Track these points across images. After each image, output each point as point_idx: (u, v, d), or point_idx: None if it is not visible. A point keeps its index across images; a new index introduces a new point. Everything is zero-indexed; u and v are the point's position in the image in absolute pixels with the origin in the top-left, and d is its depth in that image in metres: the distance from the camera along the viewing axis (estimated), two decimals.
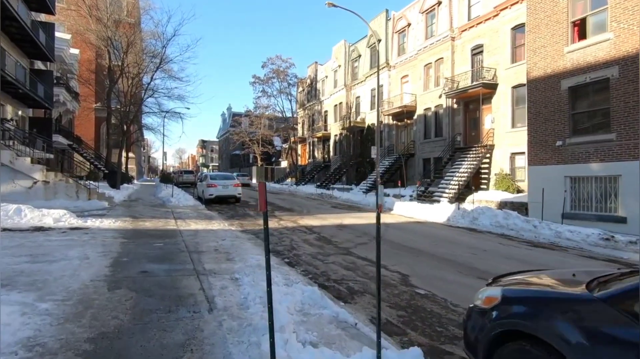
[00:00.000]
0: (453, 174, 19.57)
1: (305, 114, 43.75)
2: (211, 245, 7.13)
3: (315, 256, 6.92)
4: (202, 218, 11.08)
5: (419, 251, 7.58)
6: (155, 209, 12.69)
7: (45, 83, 19.83)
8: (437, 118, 23.87)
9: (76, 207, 11.73)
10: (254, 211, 14.46)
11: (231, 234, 8.50)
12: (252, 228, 10.08)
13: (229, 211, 14.24)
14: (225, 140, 77.60)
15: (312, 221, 11.72)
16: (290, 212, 14.23)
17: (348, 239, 8.74)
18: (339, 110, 36.16)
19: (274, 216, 12.87)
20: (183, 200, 14.90)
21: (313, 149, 42.37)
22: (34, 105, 20.26)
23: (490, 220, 11.64)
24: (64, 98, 26.92)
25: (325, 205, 17.72)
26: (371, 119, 30.34)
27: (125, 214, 10.78)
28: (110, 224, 8.61)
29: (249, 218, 12.16)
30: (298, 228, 10.19)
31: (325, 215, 13.58)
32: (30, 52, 19.07)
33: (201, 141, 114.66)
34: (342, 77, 35.21)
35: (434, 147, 23.82)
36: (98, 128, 40.26)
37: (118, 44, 23.78)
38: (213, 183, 16.41)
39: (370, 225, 11.16)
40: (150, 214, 11.29)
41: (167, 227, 9.00)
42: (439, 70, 23.78)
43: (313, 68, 42.15)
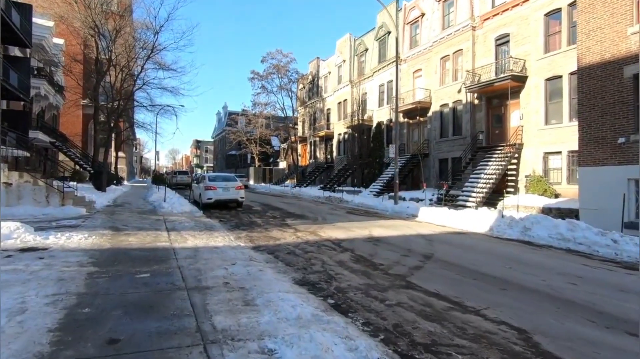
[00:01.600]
0: (478, 176, 17.66)
1: (306, 112, 41.74)
2: (218, 274, 5.06)
3: (367, 291, 4.89)
4: (201, 229, 8.98)
5: (499, 281, 5.59)
6: (144, 217, 10.54)
7: (21, 72, 17.52)
8: (455, 115, 21.99)
9: (45, 215, 9.56)
10: (260, 218, 12.37)
11: (242, 254, 6.43)
12: (266, 243, 8.00)
13: (231, 218, 12.13)
14: (220, 140, 75.24)
15: (334, 232, 9.68)
16: (304, 220, 12.17)
17: (394, 260, 6.71)
18: (343, 108, 34.20)
19: (286, 225, 10.80)
20: (177, 205, 12.76)
21: (314, 149, 40.34)
22: (8, 96, 17.93)
23: (549, 232, 9.69)
24: (45, 91, 24.55)
25: (339, 211, 15.68)
26: (379, 117, 28.43)
27: (106, 225, 8.63)
28: (81, 241, 6.47)
29: (258, 228, 10.08)
30: (323, 243, 8.14)
31: (346, 223, 11.54)
32: (2, 35, 16.75)
33: (195, 141, 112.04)
34: (347, 73, 33.25)
35: (452, 147, 21.93)
36: (86, 126, 37.72)
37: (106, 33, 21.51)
38: (212, 185, 14.29)
39: (407, 238, 9.16)
40: (137, 224, 9.15)
41: (158, 244, 6.88)
42: (457, 63, 21.93)
43: (315, 64, 40.16)
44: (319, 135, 37.60)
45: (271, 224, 10.98)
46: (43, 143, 25.50)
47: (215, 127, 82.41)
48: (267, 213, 13.83)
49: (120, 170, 37.74)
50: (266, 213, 13.83)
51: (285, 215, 13.52)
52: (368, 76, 29.85)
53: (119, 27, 19.25)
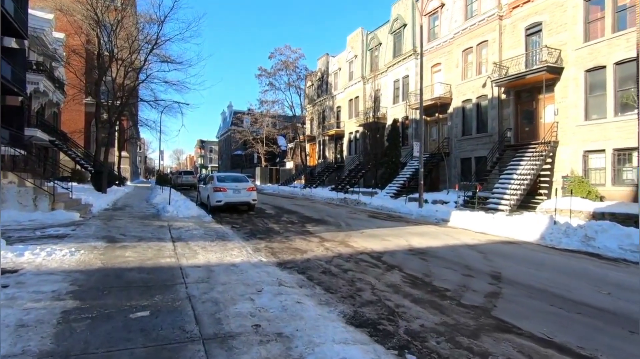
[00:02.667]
0: (509, 177, 16.19)
1: (315, 110, 40.38)
2: (243, 310, 3.70)
3: (452, 337, 3.50)
4: (213, 239, 7.63)
5: (612, 315, 4.19)
6: (145, 223, 9.21)
7: (16, 65, 16.31)
8: (479, 111, 20.52)
9: (31, 222, 8.25)
10: (277, 223, 10.99)
11: (266, 274, 5.06)
12: (292, 257, 6.63)
13: (245, 224, 10.77)
14: (225, 140, 74.09)
15: (367, 242, 8.30)
16: (326, 226, 10.79)
17: (458, 282, 5.32)
18: (355, 105, 32.80)
19: (308, 232, 9.42)
20: (183, 209, 11.43)
21: (323, 148, 38.96)
22: (2, 90, 16.71)
23: (620, 242, 8.24)
24: (45, 87, 23.39)
25: (359, 214, 14.29)
26: (394, 114, 27.00)
27: (99, 234, 7.29)
28: (65, 259, 5.12)
29: (277, 237, 8.71)
30: (359, 257, 6.75)
31: (374, 230, 10.15)
32: None
33: (200, 141, 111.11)
34: (359, 69, 31.85)
35: (476, 145, 20.46)
36: (88, 125, 36.58)
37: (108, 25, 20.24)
38: (221, 186, 12.94)
39: (454, 250, 7.76)
40: (137, 233, 7.81)
41: (161, 261, 5.53)
42: (481, 56, 20.47)
43: (324, 60, 38.79)
44: (329, 134, 36.22)
45: (291, 231, 9.61)
46: (42, 142, 24.33)
47: (220, 127, 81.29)
48: (282, 218, 12.46)
49: (123, 170, 36.54)
50: (281, 218, 12.46)
51: (303, 219, 12.15)
52: (382, 71, 28.43)
53: (121, 17, 17.97)
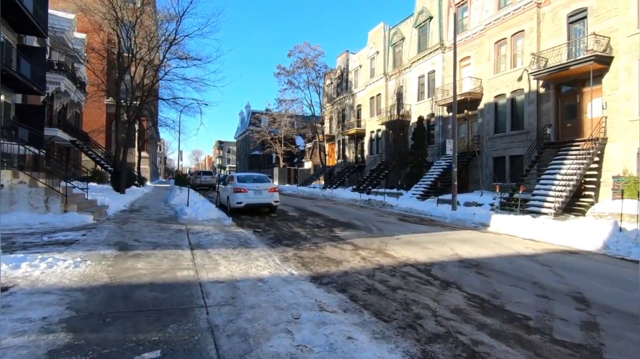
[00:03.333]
0: (552, 177, 14.84)
1: (334, 109, 39.47)
2: (280, 348, 2.85)
3: None
4: (235, 246, 6.83)
5: None
6: (162, 227, 8.50)
7: (35, 63, 16.07)
8: (514, 107, 19.14)
9: (42, 224, 7.66)
10: (302, 227, 10.13)
11: (301, 294, 4.20)
12: (326, 269, 5.73)
13: (268, 228, 9.96)
14: (243, 140, 74.14)
15: (407, 250, 7.33)
16: (356, 230, 9.85)
17: (536, 306, 4.31)
18: (376, 103, 31.71)
19: (339, 238, 8.51)
20: (202, 211, 10.72)
21: (343, 148, 38.00)
22: (23, 89, 16.54)
23: None
24: (66, 87, 23.34)
25: (388, 217, 13.28)
26: (419, 111, 25.79)
27: (112, 240, 6.59)
28: (67, 272, 4.38)
29: (305, 243, 7.84)
30: (405, 271, 5.80)
31: (411, 236, 9.15)
32: (14, 21, 15.34)
33: (218, 142, 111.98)
34: (381, 65, 30.76)
35: (510, 143, 19.09)
36: (110, 125, 36.86)
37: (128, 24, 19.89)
38: (242, 187, 12.19)
39: (512, 261, 6.71)
40: (152, 238, 7.08)
41: (177, 274, 4.73)
42: (516, 47, 19.09)
43: (343, 57, 37.85)
44: (349, 133, 35.23)
45: (319, 236, 8.72)
46: (63, 142, 24.35)
47: (238, 127, 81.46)
48: (307, 221, 11.60)
49: (143, 171, 36.62)
50: (306, 221, 11.60)
51: (329, 223, 11.24)
52: (406, 67, 27.25)
53: (140, 12, 17.56)
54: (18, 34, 16.61)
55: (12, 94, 16.43)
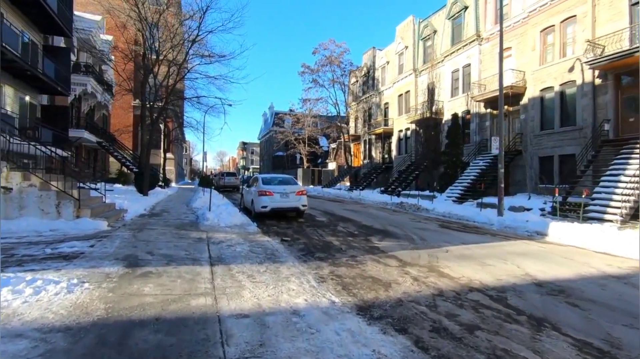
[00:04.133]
0: (615, 179, 13.06)
1: (360, 108, 38.21)
2: None
3: None
4: (261, 260, 5.85)
5: None
6: (180, 235, 7.65)
7: (59, 63, 15.84)
8: (564, 101, 17.32)
9: (52, 231, 6.98)
10: (334, 235, 9.05)
11: (350, 336, 3.16)
12: (374, 295, 4.63)
13: (296, 235, 8.96)
14: (266, 141, 74.02)
15: (461, 266, 6.13)
16: (396, 240, 8.68)
17: None
18: (405, 101, 30.25)
19: (378, 250, 7.38)
20: (225, 215, 9.86)
21: (369, 148, 36.70)
22: (48, 90, 16.40)
23: None
24: (93, 89, 23.36)
25: (427, 224, 11.99)
26: (452, 108, 24.18)
27: (121, 252, 5.74)
28: (54, 301, 3.47)
29: (341, 257, 6.76)
30: (472, 298, 4.62)
31: (461, 248, 7.89)
32: (39, 21, 15.14)
33: (242, 143, 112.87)
34: (410, 61, 29.28)
35: (560, 141, 17.27)
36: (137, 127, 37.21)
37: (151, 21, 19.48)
38: (267, 189, 11.26)
39: (600, 283, 5.40)
40: (167, 250, 6.20)
41: (192, 305, 3.76)
42: (566, 35, 17.27)
43: (370, 55, 36.56)
44: (375, 132, 33.89)
45: (355, 247, 7.62)
46: (90, 144, 24.43)
47: (261, 128, 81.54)
48: (338, 227, 10.52)
49: (168, 172, 36.71)
50: (337, 227, 10.52)
51: (363, 230, 10.12)
52: (438, 61, 25.67)
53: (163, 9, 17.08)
54: (44, 34, 16.49)
55: (38, 95, 16.31)
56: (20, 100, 14.64)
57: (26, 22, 14.95)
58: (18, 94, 14.41)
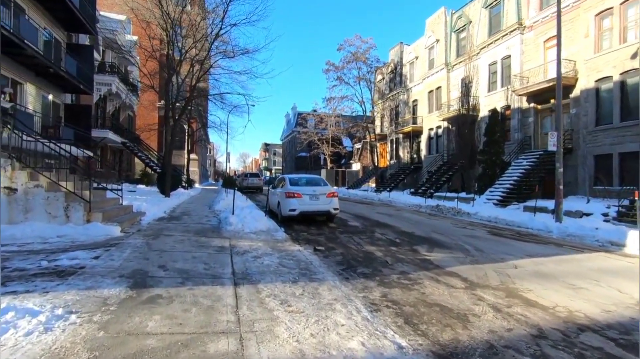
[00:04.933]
0: None
1: (386, 106, 36.76)
2: None
3: None
4: (295, 278, 4.80)
5: None
6: (200, 243, 6.71)
7: (82, 61, 15.47)
8: (624, 92, 15.40)
9: (59, 238, 6.20)
10: (374, 244, 7.88)
11: None
12: (452, 335, 3.45)
13: (330, 244, 7.86)
14: (289, 142, 73.53)
15: (546, 290, 4.88)
16: (447, 251, 7.41)
17: None
18: (436, 97, 28.64)
19: (431, 264, 6.16)
20: (250, 220, 8.89)
21: (397, 148, 35.20)
22: (71, 89, 16.09)
23: None
24: (117, 89, 23.19)
25: (475, 230, 10.61)
26: (489, 104, 22.46)
27: (128, 267, 4.78)
28: (19, 349, 2.54)
29: (389, 273, 5.61)
30: (592, 344, 3.35)
31: (527, 262, 6.57)
32: (61, 18, 14.80)
33: (264, 144, 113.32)
34: (442, 55, 27.66)
35: (620, 137, 15.36)
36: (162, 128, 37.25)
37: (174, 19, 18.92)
38: (295, 191, 10.23)
39: None
40: (183, 263, 5.22)
41: (209, 351, 2.67)
42: (627, 18, 15.35)
43: (397, 50, 35.09)
44: (403, 131, 32.38)
45: (402, 260, 6.44)
46: (115, 144, 24.30)
47: (284, 129, 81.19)
48: (375, 233, 9.34)
49: (192, 173, 36.53)
50: (374, 233, 9.34)
51: (405, 237, 8.89)
52: (473, 54, 23.96)
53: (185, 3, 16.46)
54: (67, 32, 16.21)
55: (61, 94, 16.02)
56: (43, 98, 14.32)
57: (49, 20, 14.65)
58: (41, 93, 14.09)
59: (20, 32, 10.58)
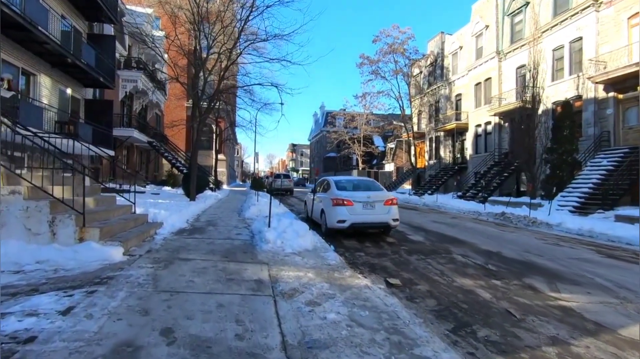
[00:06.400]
0: None
1: (424, 102, 34.10)
2: None
3: None
4: (385, 356, 2.63)
5: None
6: (228, 276, 4.72)
7: (103, 51, 14.16)
8: None
9: (40, 264, 4.49)
10: (468, 276, 5.67)
11: None
12: None
13: (404, 272, 5.76)
14: (317, 142, 71.83)
15: None
16: (582, 290, 5.10)
17: None
18: (485, 90, 25.79)
19: (584, 319, 3.91)
20: (290, 234, 6.92)
21: (437, 147, 32.47)
22: (92, 83, 14.84)
23: None
24: (143, 85, 22.07)
25: (579, 250, 8.15)
26: (554, 95, 19.56)
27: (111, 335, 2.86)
28: None
29: (532, 341, 3.44)
30: None
31: None
32: (81, 6, 13.52)
33: (291, 145, 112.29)
34: (492, 42, 24.80)
35: None
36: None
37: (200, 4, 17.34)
38: (345, 198, 8.17)
39: None
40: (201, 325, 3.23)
41: None
42: None
43: (437, 41, 32.37)
44: (445, 128, 29.63)
45: (532, 311, 4.23)
46: (141, 143, 23.26)
47: (311, 129, 79.61)
48: (452, 254, 7.12)
49: (220, 174, 35.37)
50: (451, 254, 7.12)
51: (497, 261, 6.63)
52: (533, 39, 21.01)
53: None
54: (88, 22, 15.00)
55: (82, 89, 14.81)
56: (61, 92, 13.08)
57: (69, 8, 13.42)
58: (58, 86, 12.84)
59: (25, 13, 9.18)
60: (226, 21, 14.99)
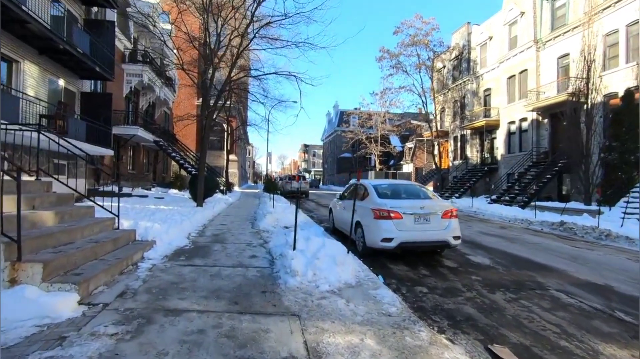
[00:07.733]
0: None
1: (449, 99, 31.87)
2: None
3: None
4: None
5: None
6: (240, 347, 2.86)
7: (99, 37, 12.56)
8: None
9: None
10: (597, 334, 3.72)
11: None
12: None
13: (503, 328, 3.83)
14: (330, 142, 69.93)
15: None
16: None
17: None
18: (519, 84, 23.52)
19: None
20: (323, 260, 5.09)
21: (462, 146, 30.23)
22: (88, 74, 13.27)
23: None
24: (149, 80, 20.54)
25: None
26: (607, 86, 17.21)
27: None
28: None
29: None
30: None
31: None
32: None
33: (304, 145, 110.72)
34: (529, 30, 22.51)
35: None
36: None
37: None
38: (390, 209, 6.24)
39: None
40: None
41: None
42: None
43: (462, 33, 30.15)
44: (473, 126, 27.36)
45: None
46: (147, 143, 21.74)
47: (324, 129, 77.72)
48: (550, 291, 5.14)
49: (231, 175, 33.84)
50: (548, 291, 5.15)
51: (620, 305, 4.62)
52: (580, 24, 18.70)
53: None
54: (85, 5, 13.46)
55: (77, 80, 13.25)
56: (51, 83, 11.51)
57: None
58: (47, 76, 11.27)
59: None
60: (238, 2, 13.22)
